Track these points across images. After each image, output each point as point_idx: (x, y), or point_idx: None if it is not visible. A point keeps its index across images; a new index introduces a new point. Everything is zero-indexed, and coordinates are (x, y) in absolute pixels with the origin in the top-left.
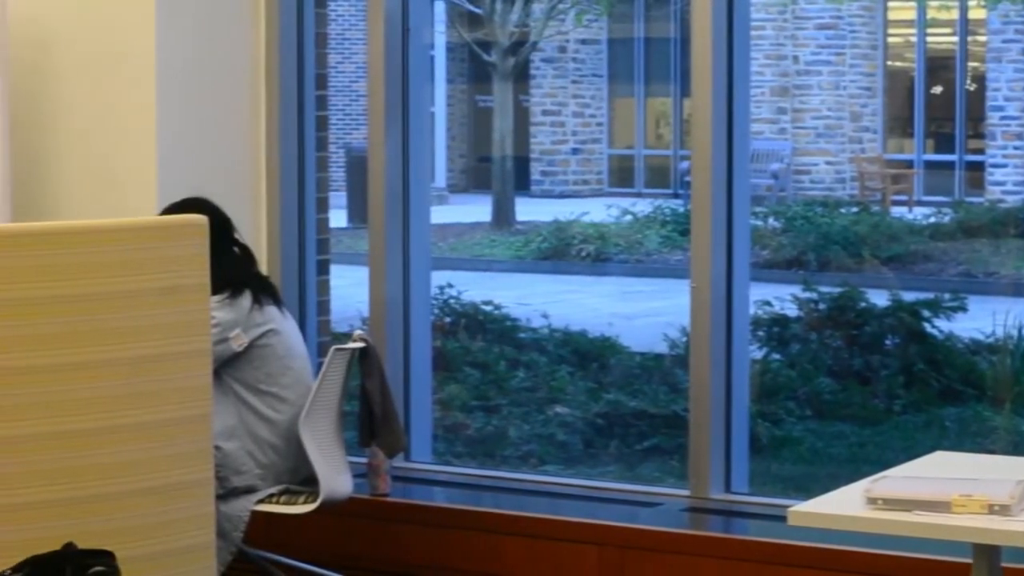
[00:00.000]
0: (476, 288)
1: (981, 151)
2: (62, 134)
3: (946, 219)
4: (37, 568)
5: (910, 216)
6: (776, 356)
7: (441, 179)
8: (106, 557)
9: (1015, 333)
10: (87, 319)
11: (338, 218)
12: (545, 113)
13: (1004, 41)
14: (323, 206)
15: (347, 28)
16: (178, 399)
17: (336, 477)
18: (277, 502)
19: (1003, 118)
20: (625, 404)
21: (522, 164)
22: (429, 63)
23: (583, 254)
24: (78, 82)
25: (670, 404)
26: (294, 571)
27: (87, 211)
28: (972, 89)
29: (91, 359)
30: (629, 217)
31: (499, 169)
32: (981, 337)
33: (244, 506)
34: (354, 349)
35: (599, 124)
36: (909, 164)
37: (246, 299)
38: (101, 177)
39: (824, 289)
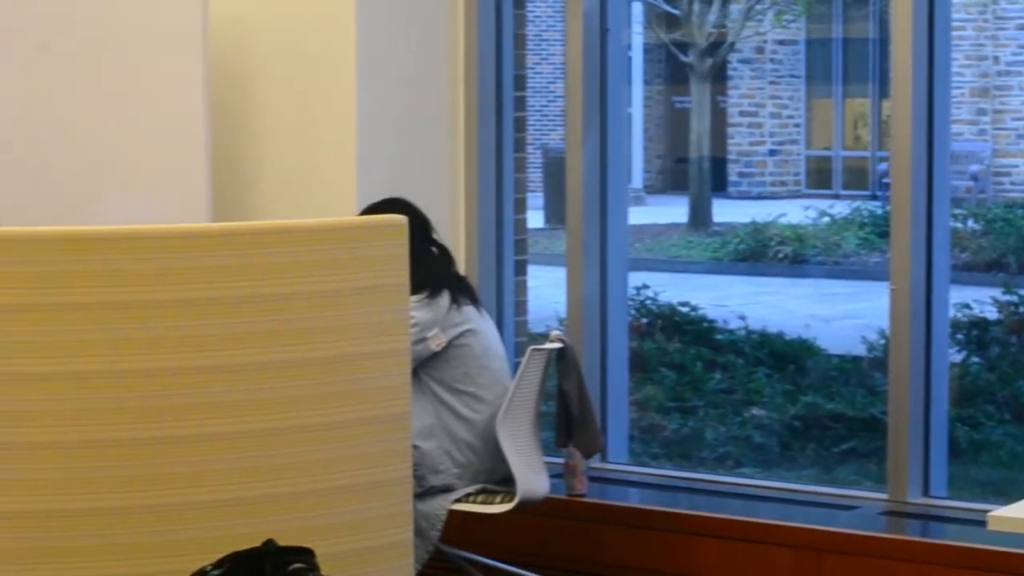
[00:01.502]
0: (673, 289)
1: None
2: (262, 135)
3: None
4: (238, 564)
5: None
6: (975, 359)
7: (638, 180)
8: (306, 554)
9: None
10: (288, 318)
11: (535, 219)
12: (742, 114)
13: None
14: (521, 207)
15: (545, 29)
16: (377, 398)
17: (533, 477)
18: (474, 501)
19: None
20: (822, 407)
21: (719, 165)
22: (627, 64)
23: (780, 256)
24: (279, 83)
25: (867, 407)
26: (490, 570)
27: (287, 211)
28: None
29: (292, 358)
30: (827, 219)
31: (696, 170)
32: None
33: (441, 505)
34: (551, 349)
35: (796, 125)
36: None
37: (444, 299)
38: (301, 177)
39: None
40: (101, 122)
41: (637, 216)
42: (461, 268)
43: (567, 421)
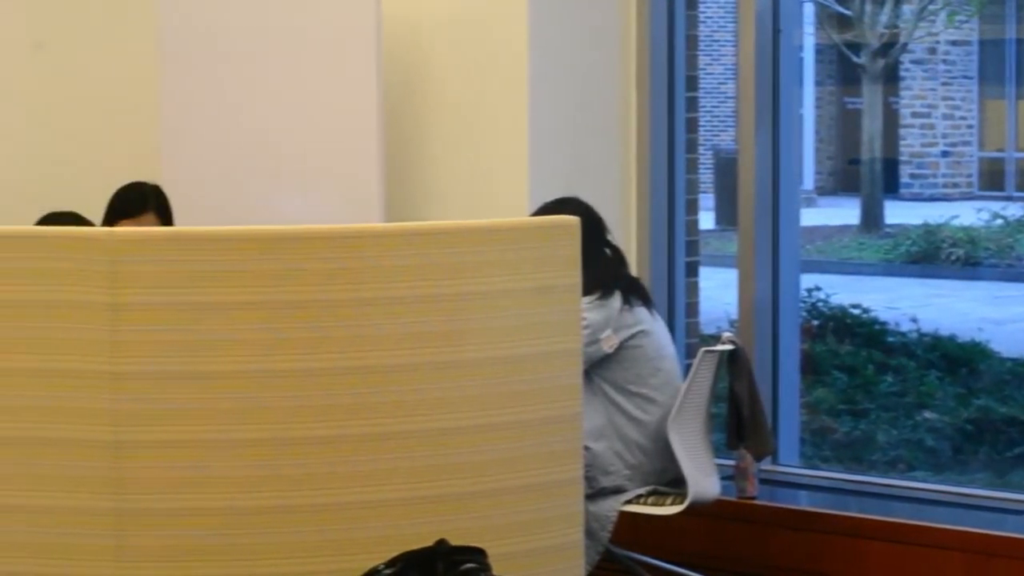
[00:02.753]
0: (844, 291)
1: None
2: (435, 136)
3: None
4: (410, 563)
5: None
6: None
7: (809, 181)
8: (477, 554)
9: None
10: (461, 319)
11: (706, 220)
12: (914, 115)
13: None
14: (692, 208)
15: (716, 29)
16: (549, 399)
17: (704, 479)
18: (645, 503)
19: None
20: (995, 410)
21: (891, 166)
22: (798, 65)
23: (952, 258)
24: (451, 84)
25: None
26: (660, 572)
27: (459, 212)
28: None
29: (464, 358)
30: (1000, 221)
31: (868, 171)
32: None
33: (612, 506)
34: (723, 351)
35: (969, 126)
36: None
37: (616, 300)
38: (474, 178)
39: None
40: (276, 124)
41: (808, 218)
42: (633, 269)
43: (738, 423)
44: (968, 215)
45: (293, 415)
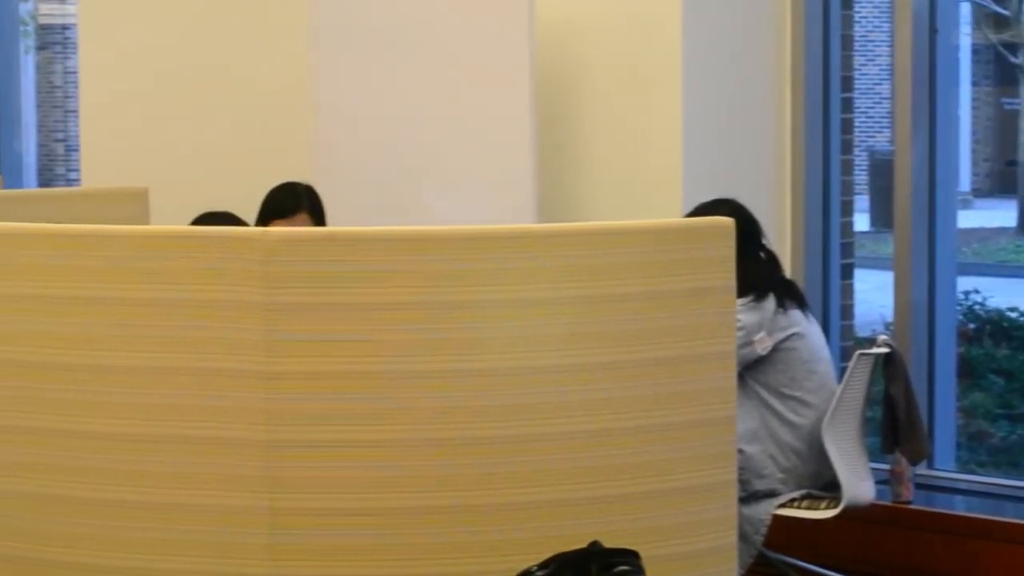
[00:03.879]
0: (1001, 294)
1: None
2: (587, 137)
3: None
4: (564, 565)
5: None
6: None
7: (965, 183)
8: (631, 556)
9: None
10: (615, 320)
11: (861, 222)
12: None
13: None
14: (847, 209)
15: (871, 30)
16: (703, 401)
17: (859, 483)
18: (799, 506)
19: None
20: None
21: None
22: (955, 65)
23: None
24: (604, 85)
25: None
26: None
27: (612, 213)
28: None
29: (619, 359)
30: None
31: None
32: None
33: (765, 510)
34: (878, 354)
35: None
36: None
37: (770, 302)
38: (626, 179)
39: None
40: (428, 124)
41: (965, 220)
42: (787, 271)
43: (894, 427)
44: None
45: (446, 416)
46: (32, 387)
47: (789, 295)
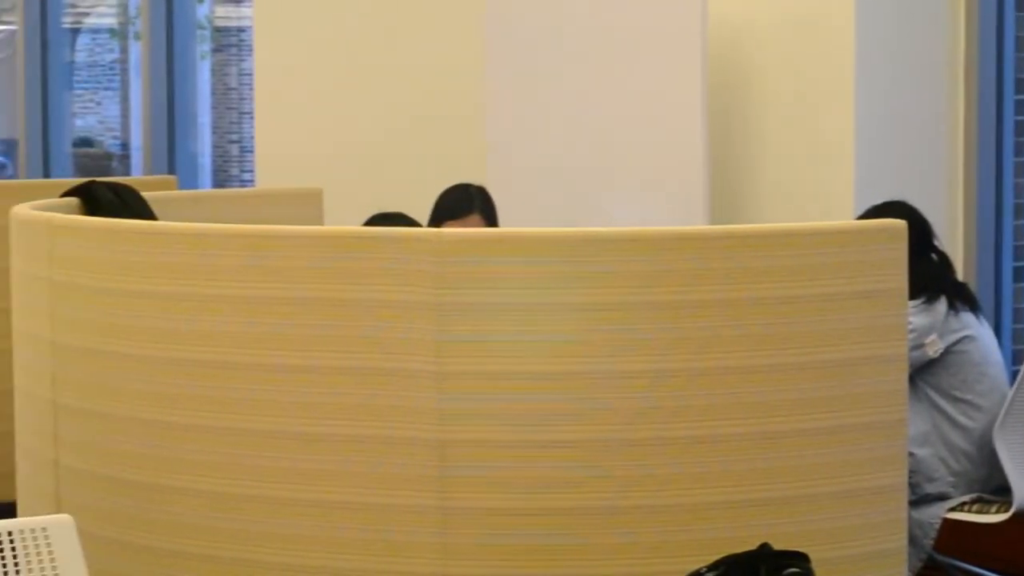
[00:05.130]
0: None
1: None
2: (760, 138)
3: None
4: (733, 567)
5: None
6: None
7: None
8: (801, 559)
9: None
10: (785, 322)
11: None
12: None
13: None
14: (1021, 212)
15: None
16: (874, 404)
17: None
18: (969, 510)
19: None
20: None
21: None
22: None
23: None
24: (777, 83)
25: None
26: None
27: (785, 214)
28: None
29: (790, 361)
30: None
31: None
32: None
33: (936, 513)
34: None
35: None
36: None
37: (942, 305)
38: (799, 180)
39: None
40: (601, 124)
41: None
42: (959, 274)
43: None
44: None
45: (613, 416)
46: (217, 387)
47: (961, 297)
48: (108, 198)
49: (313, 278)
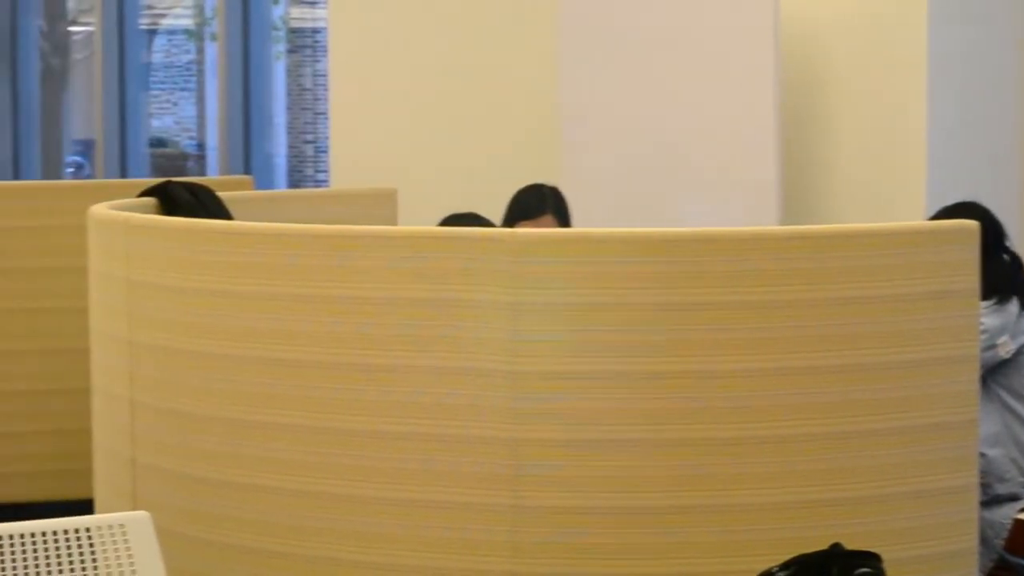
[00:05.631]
0: None
1: None
2: (832, 137)
3: None
4: (804, 567)
5: None
6: None
7: None
8: (872, 559)
9: None
10: (859, 322)
11: None
12: None
13: None
14: None
15: None
16: (944, 404)
17: None
18: None
19: None
20: None
21: None
22: None
23: None
24: (850, 82)
25: None
26: None
27: (857, 215)
28: None
29: (862, 362)
30: None
31: None
32: None
33: (1007, 514)
34: None
35: None
36: None
37: (1014, 305)
38: (871, 181)
39: None
40: (674, 124)
41: None
42: None
43: None
44: None
45: (689, 416)
46: (293, 386)
47: None
48: (185, 198)
49: (388, 278)
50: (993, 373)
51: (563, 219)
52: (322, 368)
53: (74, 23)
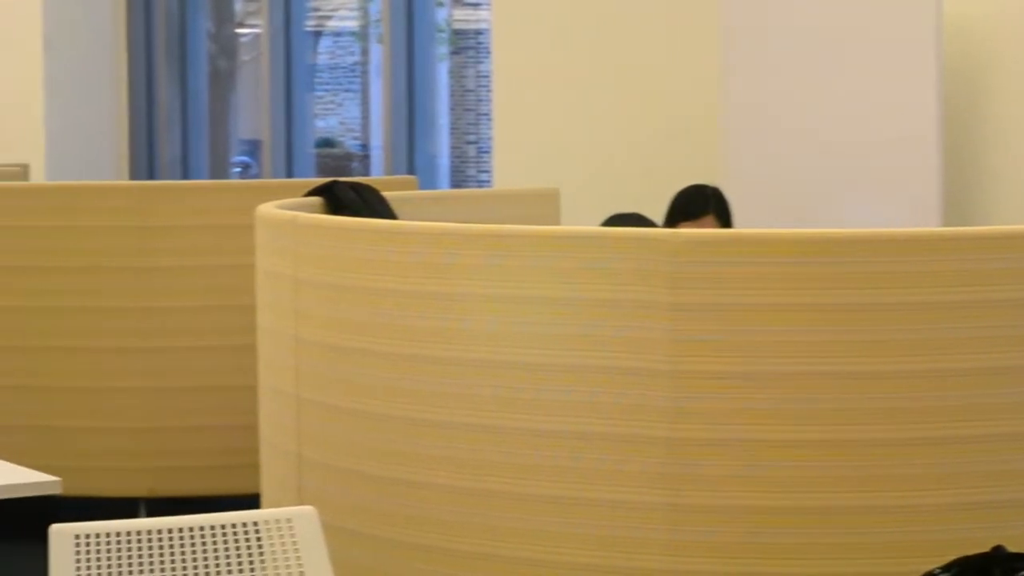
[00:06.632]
0: None
1: None
2: (996, 139)
3: None
4: (966, 568)
5: None
6: None
7: None
8: None
9: None
10: (1011, 324)
11: None
12: None
13: None
14: None
15: None
16: None
17: None
18: None
19: None
20: None
21: None
22: None
23: None
24: (1013, 85)
25: None
26: None
27: (1019, 213)
28: None
29: (1011, 365)
30: None
31: None
32: None
33: None
34: None
35: None
36: None
37: None
38: None
39: None
40: (836, 125)
41: None
42: None
43: None
44: None
45: (850, 417)
46: (457, 383)
47: None
48: (350, 197)
49: (551, 277)
50: None
51: (725, 220)
52: (483, 367)
53: (241, 25)
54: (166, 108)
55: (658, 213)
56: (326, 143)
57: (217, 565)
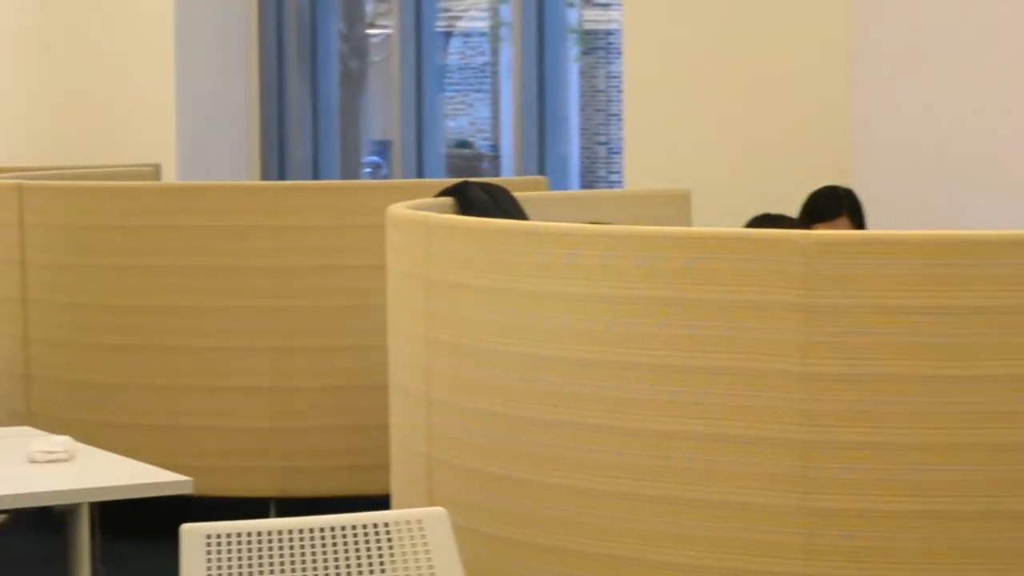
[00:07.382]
0: None
1: None
2: None
3: None
4: None
5: None
6: None
7: None
8: None
9: None
10: None
11: None
12: None
13: None
14: None
15: None
16: None
17: None
18: None
19: None
20: None
21: None
22: None
23: None
24: None
25: None
26: None
27: None
28: None
29: None
30: None
31: None
32: None
33: None
34: None
35: None
36: None
37: None
38: None
39: None
40: (970, 125)
41: None
42: None
43: None
44: None
45: (983, 421)
46: (587, 384)
47: None
48: (481, 198)
49: (682, 278)
50: None
51: (858, 222)
52: (614, 368)
53: (372, 26)
54: (297, 109)
55: (789, 214)
56: (457, 143)
57: (348, 566)
